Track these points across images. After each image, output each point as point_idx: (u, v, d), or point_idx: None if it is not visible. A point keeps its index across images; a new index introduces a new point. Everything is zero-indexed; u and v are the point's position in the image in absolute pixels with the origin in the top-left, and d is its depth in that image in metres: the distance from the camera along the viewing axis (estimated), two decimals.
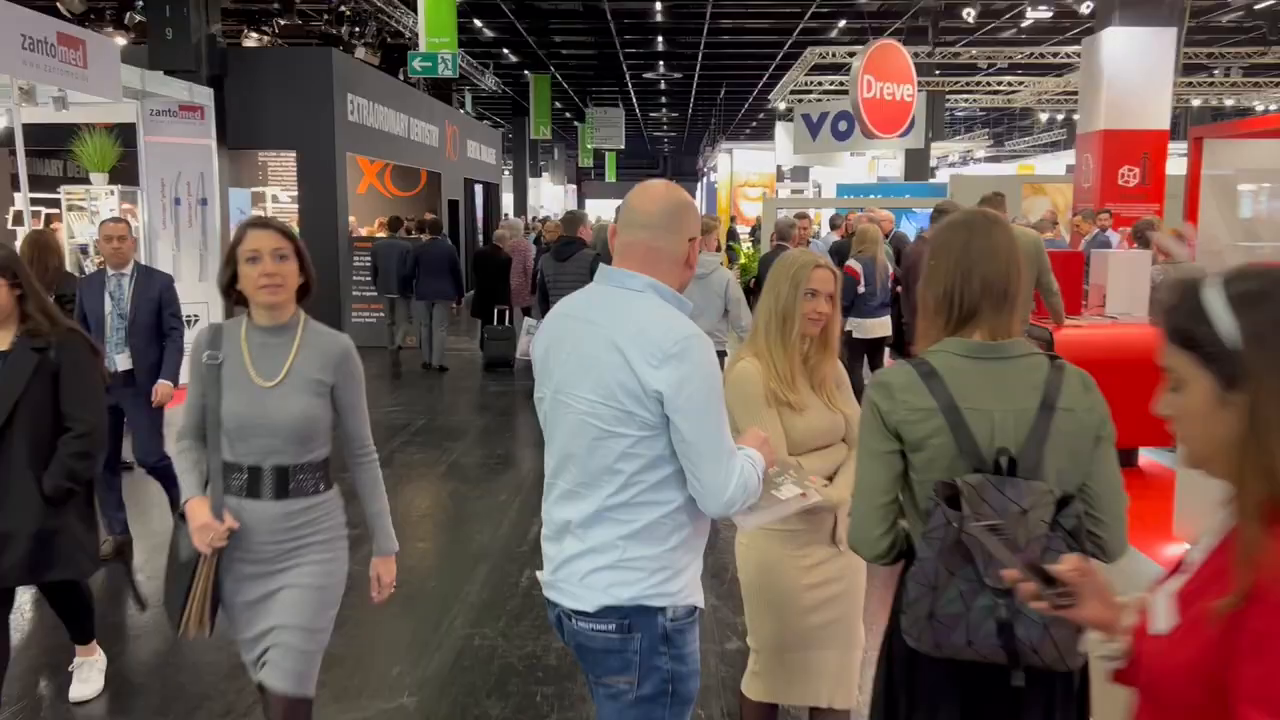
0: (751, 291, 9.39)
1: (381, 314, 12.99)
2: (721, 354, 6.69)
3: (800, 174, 32.27)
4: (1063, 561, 1.48)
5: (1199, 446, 1.25)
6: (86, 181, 9.04)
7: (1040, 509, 1.81)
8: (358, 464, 2.71)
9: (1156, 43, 11.34)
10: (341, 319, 13.01)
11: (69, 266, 9.39)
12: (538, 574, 2.17)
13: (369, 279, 13.07)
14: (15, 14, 6.58)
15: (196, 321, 9.72)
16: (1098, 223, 10.01)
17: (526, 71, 27.72)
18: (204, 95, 9.24)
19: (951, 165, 35.76)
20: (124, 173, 9.63)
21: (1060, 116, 27.28)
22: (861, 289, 7.66)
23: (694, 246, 2.10)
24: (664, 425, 1.94)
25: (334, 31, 14.01)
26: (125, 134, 9.48)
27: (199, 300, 9.77)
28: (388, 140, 15.32)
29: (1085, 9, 11.17)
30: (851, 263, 7.70)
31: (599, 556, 2.00)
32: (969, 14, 12.33)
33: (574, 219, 7.92)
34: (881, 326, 7.78)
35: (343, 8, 14.04)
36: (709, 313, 5.77)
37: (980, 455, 1.88)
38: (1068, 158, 32.75)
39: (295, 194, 13.54)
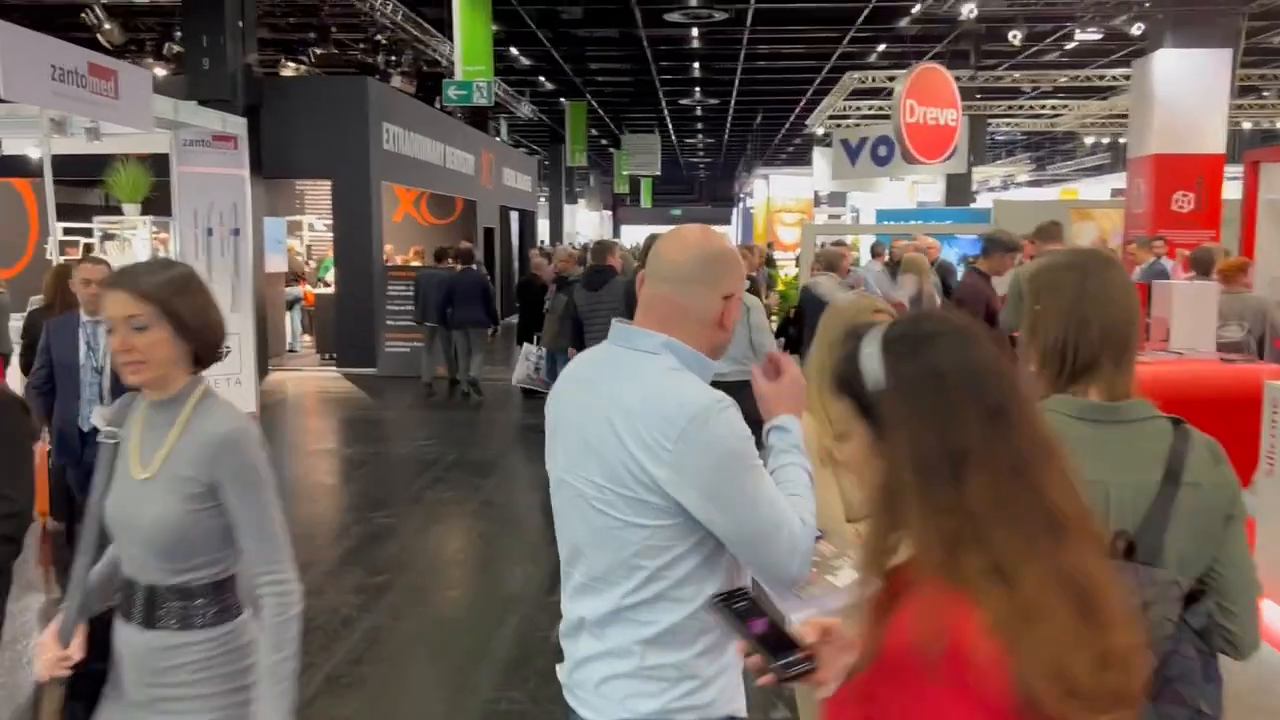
0: (791, 322, 9.11)
1: (417, 344, 12.86)
2: (746, 383, 6.39)
3: (837, 199, 32.00)
4: (805, 624, 1.34)
5: (864, 497, 1.20)
6: (120, 212, 8.98)
7: (1164, 604, 1.53)
8: (257, 592, 1.96)
9: (1211, 64, 10.97)
10: (375, 349, 12.90)
11: None
12: (557, 668, 1.90)
13: (403, 308, 12.95)
14: (46, 45, 6.52)
15: (228, 352, 9.62)
16: (1153, 250, 9.62)
17: (563, 99, 27.74)
18: (237, 125, 9.18)
19: (992, 190, 35.26)
20: (158, 203, 9.59)
21: (1105, 140, 26.74)
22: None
23: (731, 305, 1.79)
24: (685, 512, 1.65)
25: (370, 60, 14.01)
26: (159, 164, 9.44)
27: (232, 331, 9.65)
28: (423, 168, 15.28)
29: (1136, 30, 10.81)
30: (896, 293, 7.41)
31: (617, 662, 1.72)
32: (1015, 36, 12.03)
33: (603, 248, 7.62)
34: None
35: (379, 37, 14.04)
36: (736, 342, 5.51)
37: None
38: (1113, 182, 32.19)
39: (330, 222, 13.51)
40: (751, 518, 1.64)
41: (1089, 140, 26.85)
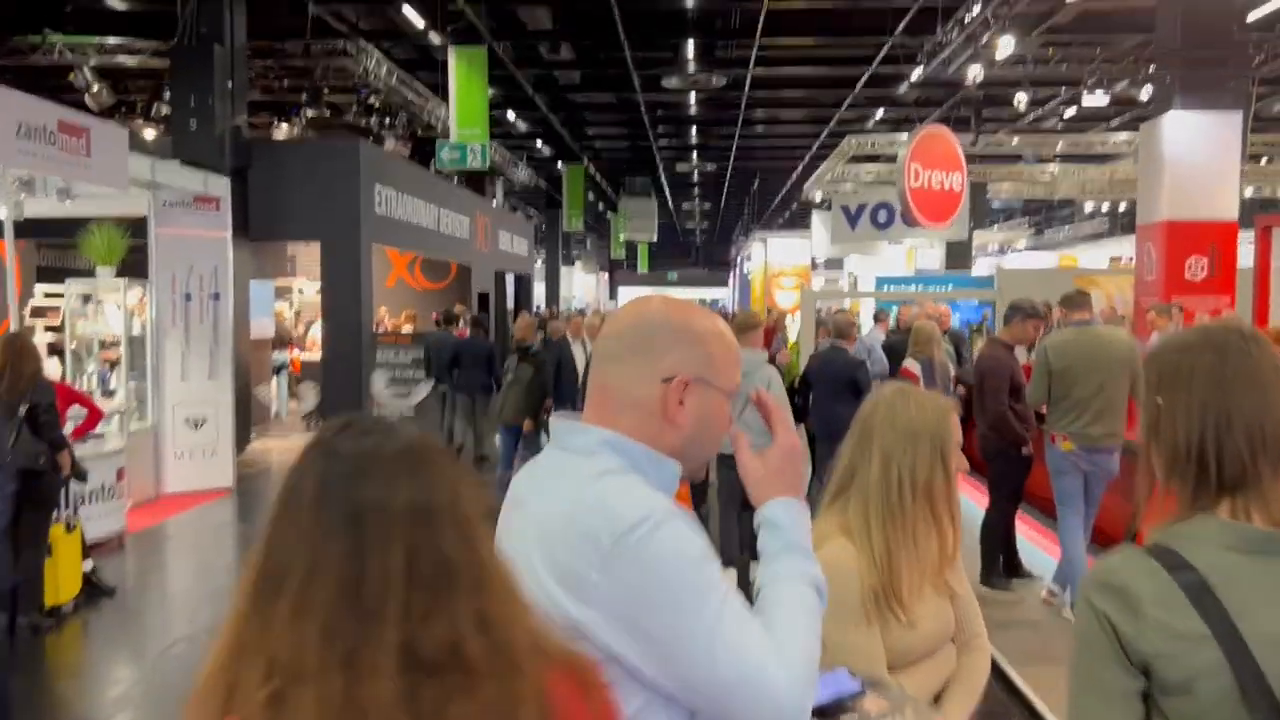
0: (795, 392, 8.69)
1: (405, 414, 12.43)
2: None
3: (834, 264, 31.84)
4: None
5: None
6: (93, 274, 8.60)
7: None
8: None
9: (1222, 128, 10.73)
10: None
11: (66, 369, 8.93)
12: None
13: (394, 375, 12.55)
14: (12, 100, 6.19)
15: (204, 423, 9.18)
16: (1172, 317, 9.26)
17: (560, 163, 27.71)
18: (220, 186, 8.85)
19: (989, 256, 35.16)
20: (137, 265, 9.23)
21: (1105, 207, 26.66)
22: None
23: (675, 392, 1.34)
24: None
25: (364, 123, 13.79)
26: (138, 225, 9.09)
27: (207, 400, 9.23)
28: (417, 232, 14.98)
29: (1145, 94, 10.59)
30: (908, 364, 7.00)
31: None
32: (1020, 101, 11.83)
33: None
34: None
35: (372, 99, 13.84)
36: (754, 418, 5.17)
37: (1276, 705, 1.18)
38: (1111, 248, 32.12)
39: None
40: (707, 670, 1.19)
41: (1088, 207, 26.71)
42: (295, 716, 0.93)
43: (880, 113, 20.54)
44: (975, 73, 10.62)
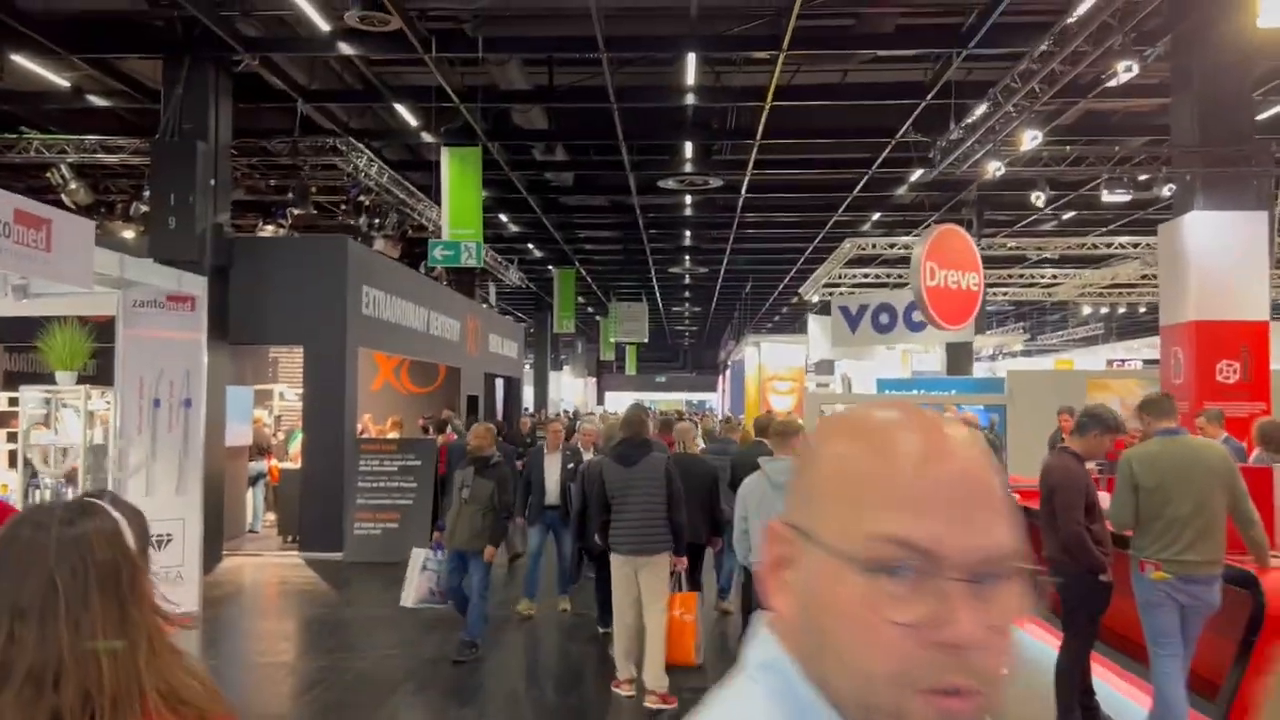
0: None
1: (389, 525, 11.59)
2: None
3: (825, 367, 31.35)
4: None
5: None
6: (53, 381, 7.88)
7: None
8: None
9: (1247, 227, 10.33)
10: (343, 532, 11.57)
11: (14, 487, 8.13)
12: None
13: (376, 485, 11.75)
14: None
15: (169, 542, 8.33)
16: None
17: (551, 266, 27.40)
18: (195, 284, 8.21)
19: (981, 360, 34.83)
20: (105, 369, 8.53)
21: (1104, 310, 26.43)
22: None
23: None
24: None
25: (352, 222, 13.29)
26: (108, 327, 8.41)
27: (174, 517, 8.39)
28: (406, 334, 14.38)
29: (1168, 191, 10.22)
30: None
31: None
32: (1037, 198, 11.46)
33: (637, 418, 6.42)
34: None
35: (362, 198, 13.38)
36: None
37: None
38: (1106, 352, 31.87)
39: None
40: None
41: (1086, 310, 26.48)
42: None
43: (876, 216, 20.33)
44: (995, 168, 10.22)
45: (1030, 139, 9.30)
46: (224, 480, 11.56)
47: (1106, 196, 10.57)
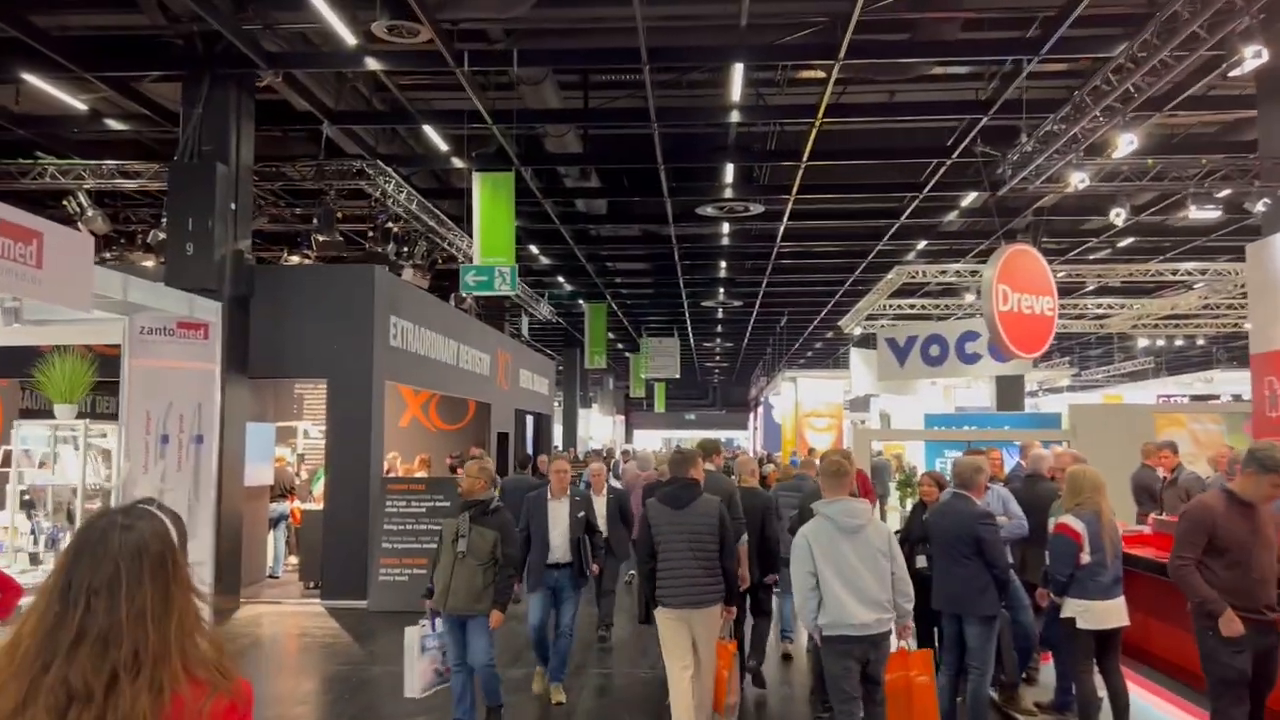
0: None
1: (417, 571, 10.81)
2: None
3: (861, 404, 30.34)
4: None
5: None
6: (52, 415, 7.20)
7: None
8: None
9: None
10: (367, 578, 10.80)
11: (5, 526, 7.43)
12: None
13: (403, 528, 10.99)
14: None
15: None
16: None
17: (581, 300, 26.77)
18: (208, 310, 7.55)
19: (1027, 395, 33.70)
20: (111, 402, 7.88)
21: (1160, 343, 25.34)
22: (1086, 557, 5.38)
23: None
24: None
25: (380, 250, 12.66)
26: (116, 360, 7.76)
27: (195, 560, 7.66)
28: (433, 368, 13.68)
29: (1262, 207, 9.37)
30: (1069, 520, 5.47)
31: None
32: (1117, 215, 10.64)
33: (686, 458, 5.70)
34: (1118, 612, 5.42)
35: (390, 225, 12.75)
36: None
37: None
38: (1156, 387, 30.69)
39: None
40: None
41: (1143, 342, 25.40)
42: None
43: (922, 244, 19.53)
44: (1079, 179, 9.41)
45: (1126, 144, 8.48)
46: (241, 523, 10.85)
47: (1194, 213, 9.73)
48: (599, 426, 46.85)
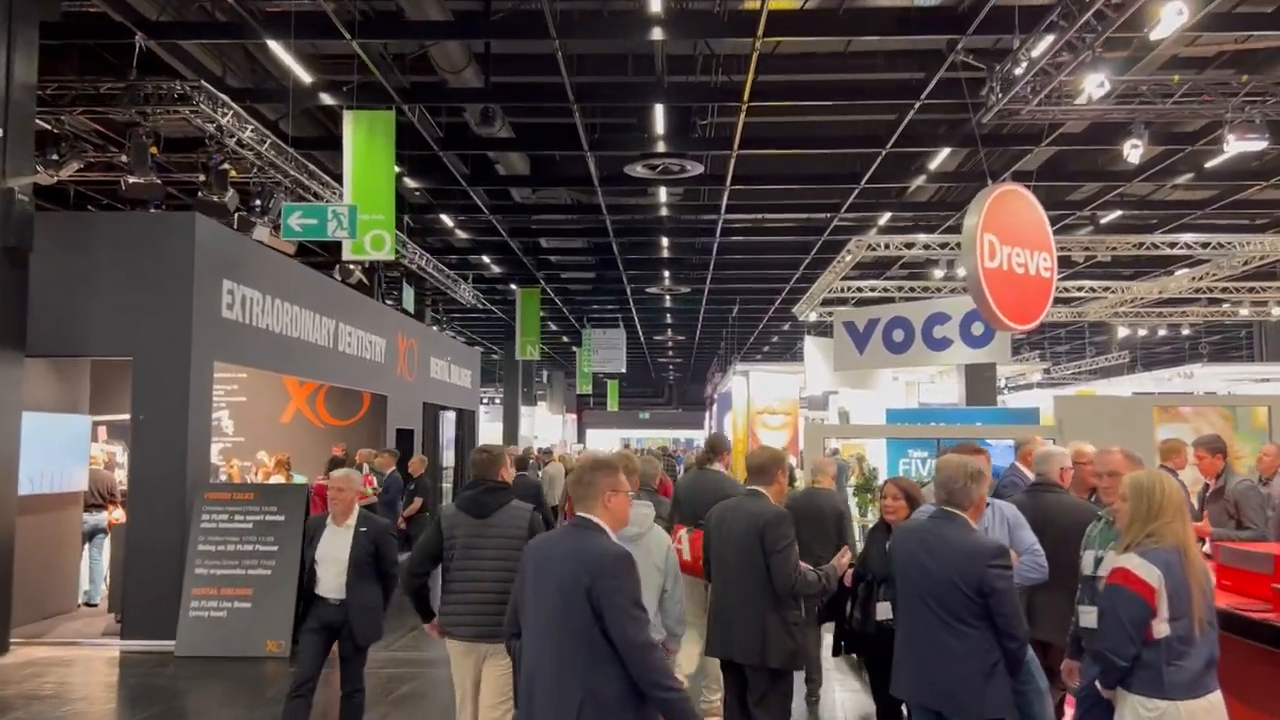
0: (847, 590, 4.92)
1: (241, 603, 8.37)
2: None
3: (818, 402, 28.14)
4: None
5: None
6: None
7: None
8: None
9: None
10: (178, 616, 8.32)
11: None
12: None
13: (222, 548, 8.55)
14: None
15: None
16: None
17: (513, 285, 24.36)
18: None
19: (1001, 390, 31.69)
20: None
21: (1143, 332, 23.39)
22: (1164, 627, 3.16)
23: None
24: None
25: (215, 199, 10.09)
26: None
27: None
28: (295, 348, 11.18)
29: None
30: (1134, 565, 3.21)
31: None
32: (1133, 147, 8.42)
33: (494, 458, 4.41)
34: (1215, 716, 3.17)
35: (225, 166, 10.22)
36: None
37: None
38: (1131, 383, 28.80)
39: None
40: None
41: (1123, 332, 23.43)
42: None
43: (886, 217, 17.36)
44: (1098, 83, 7.21)
45: (1174, 12, 6.13)
46: (14, 539, 8.35)
47: (1232, 144, 7.59)
48: (547, 425, 44.32)
